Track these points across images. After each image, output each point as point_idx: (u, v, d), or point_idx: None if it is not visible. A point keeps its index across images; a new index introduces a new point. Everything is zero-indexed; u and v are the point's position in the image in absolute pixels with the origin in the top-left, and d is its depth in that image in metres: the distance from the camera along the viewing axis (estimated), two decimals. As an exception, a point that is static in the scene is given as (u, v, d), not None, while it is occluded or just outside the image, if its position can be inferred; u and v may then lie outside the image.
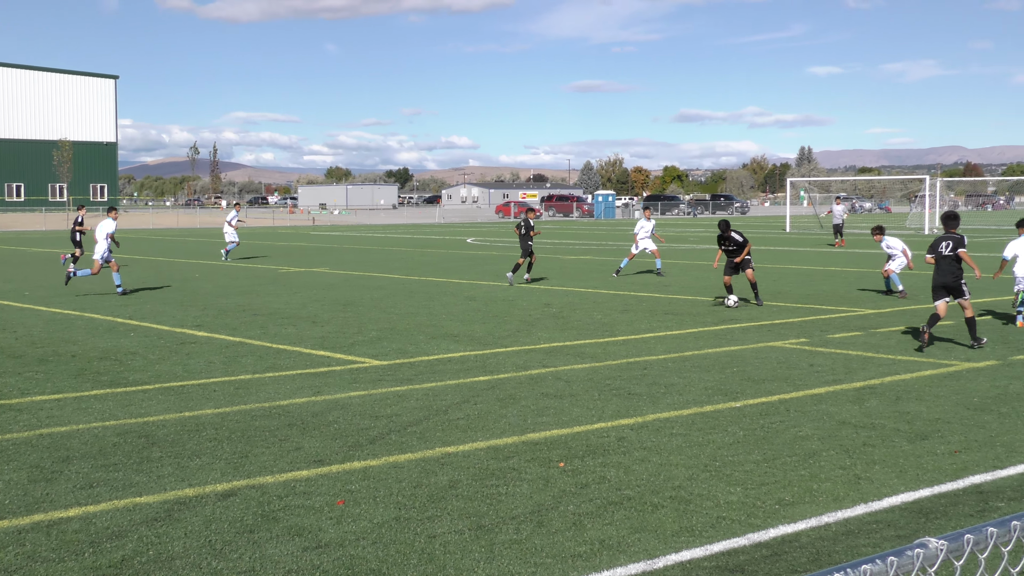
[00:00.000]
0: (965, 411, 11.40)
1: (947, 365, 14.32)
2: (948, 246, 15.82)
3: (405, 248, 47.83)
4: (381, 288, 26.64)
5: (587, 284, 27.58)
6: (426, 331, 18.20)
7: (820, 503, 8.12)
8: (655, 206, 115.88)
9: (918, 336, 16.36)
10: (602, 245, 48.97)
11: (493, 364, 14.72)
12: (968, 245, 15.99)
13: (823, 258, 38.05)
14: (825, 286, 26.41)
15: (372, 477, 8.94)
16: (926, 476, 8.86)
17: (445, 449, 9.88)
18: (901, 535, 7.35)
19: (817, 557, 6.94)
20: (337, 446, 10.03)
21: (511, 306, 22.11)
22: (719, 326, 18.61)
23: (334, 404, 11.94)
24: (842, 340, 16.77)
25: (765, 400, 12.05)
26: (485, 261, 37.74)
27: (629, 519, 7.76)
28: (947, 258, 15.85)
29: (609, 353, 15.58)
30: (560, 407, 11.73)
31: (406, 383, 13.30)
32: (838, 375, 13.63)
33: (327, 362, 14.98)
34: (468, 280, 29.16)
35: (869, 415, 11.21)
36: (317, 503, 8.21)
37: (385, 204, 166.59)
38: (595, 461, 9.42)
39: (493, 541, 7.30)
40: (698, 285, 26.89)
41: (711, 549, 7.12)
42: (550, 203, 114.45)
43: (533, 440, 10.21)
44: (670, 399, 12.13)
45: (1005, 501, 8.17)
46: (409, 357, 15.39)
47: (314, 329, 18.57)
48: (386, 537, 7.40)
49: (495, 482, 8.76)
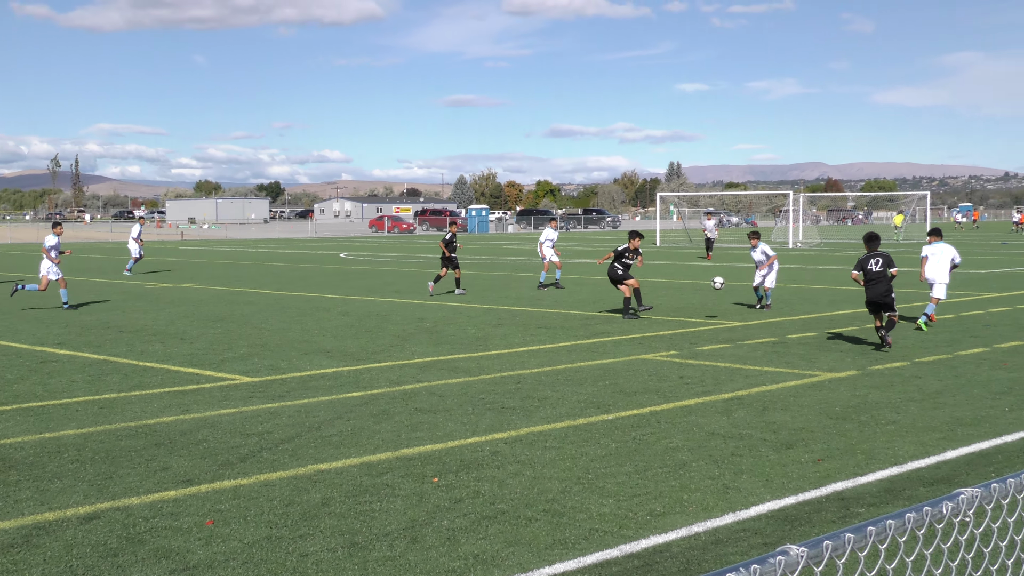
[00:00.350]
0: (827, 420, 11.74)
1: (810, 376, 14.74)
2: (878, 263, 17.04)
3: (277, 263, 47.19)
4: (252, 303, 26.22)
5: (461, 299, 27.61)
6: (298, 347, 17.97)
7: (690, 513, 8.26)
8: (528, 220, 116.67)
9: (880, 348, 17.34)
10: (476, 259, 49.07)
11: (366, 379, 14.61)
12: (834, 259, 16.56)
13: (692, 272, 38.83)
14: (694, 299, 26.95)
15: (242, 496, 8.77)
16: (791, 484, 9.10)
17: (318, 466, 9.76)
18: (767, 542, 7.53)
19: (687, 567, 7.05)
20: (206, 465, 9.82)
21: (384, 321, 21.99)
22: (592, 339, 18.82)
23: (203, 422, 11.69)
24: (711, 352, 17.12)
25: (637, 412, 12.22)
26: (359, 276, 37.47)
27: (503, 533, 7.78)
28: (877, 274, 17.05)
29: (483, 367, 15.61)
30: (434, 422, 11.70)
31: (278, 400, 13.11)
32: (707, 387, 13.91)
33: (196, 379, 14.66)
34: (341, 295, 28.90)
35: (737, 425, 11.46)
36: (185, 524, 8.01)
37: (256, 218, 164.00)
38: (469, 476, 9.42)
39: (366, 558, 7.23)
40: (571, 299, 27.16)
41: (584, 561, 7.18)
42: (424, 217, 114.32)
43: (407, 455, 10.16)
44: (543, 412, 12.21)
45: (865, 507, 8.44)
46: (281, 373, 15.17)
47: (182, 346, 18.17)
48: (257, 557, 7.26)
49: (368, 498, 8.68)
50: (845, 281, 32.62)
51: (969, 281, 31.88)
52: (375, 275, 37.69)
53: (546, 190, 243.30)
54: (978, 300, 25.45)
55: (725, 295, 27.89)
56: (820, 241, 70.27)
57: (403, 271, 40.12)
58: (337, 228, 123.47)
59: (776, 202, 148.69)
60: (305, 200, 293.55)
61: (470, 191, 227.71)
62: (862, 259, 17.26)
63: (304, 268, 42.80)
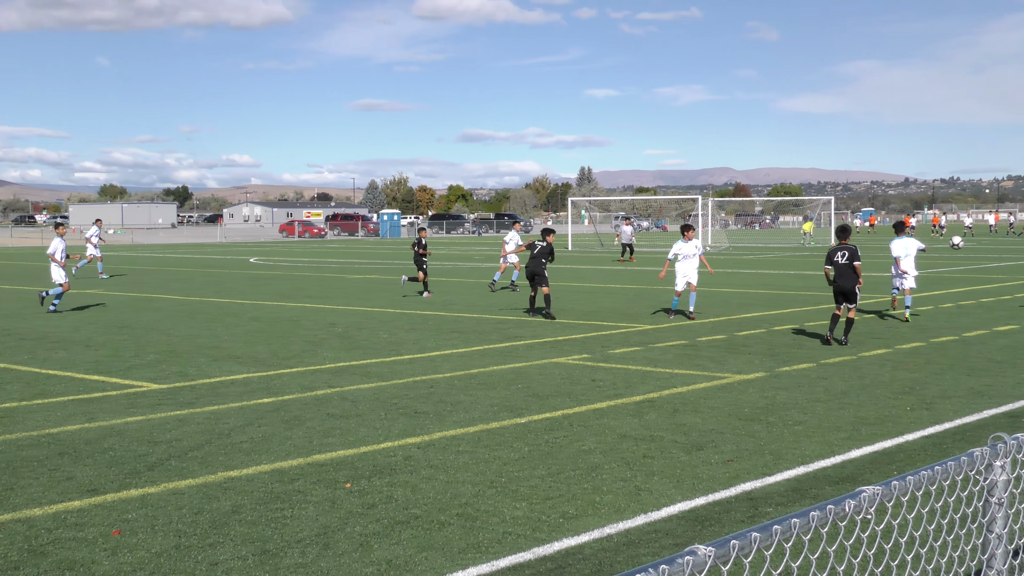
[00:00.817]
0: (737, 421, 11.93)
1: (720, 378, 14.96)
2: (844, 255, 18.07)
3: (185, 268, 46.44)
4: (160, 310, 25.76)
5: (373, 303, 27.47)
6: (208, 353, 17.72)
7: (603, 515, 8.33)
8: (440, 225, 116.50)
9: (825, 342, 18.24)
10: (388, 264, 48.86)
11: (278, 385, 14.46)
12: (742, 263, 16.90)
13: (604, 276, 39.13)
14: (606, 303, 27.16)
15: (150, 505, 8.62)
16: (701, 485, 9.22)
17: (228, 473, 9.63)
18: (678, 543, 7.62)
19: (600, 569, 7.11)
20: (113, 474, 9.63)
21: (296, 326, 21.78)
22: (505, 343, 18.86)
23: (109, 430, 11.46)
24: (622, 355, 17.28)
25: (549, 416, 12.28)
26: (269, 281, 37.05)
27: (416, 538, 7.76)
28: (842, 266, 18.07)
29: (396, 372, 15.56)
30: (346, 427, 11.63)
31: (187, 407, 12.90)
32: (619, 389, 14.03)
33: (102, 387, 14.36)
34: (252, 300, 28.55)
35: (648, 428, 11.58)
36: (90, 535, 7.85)
37: (164, 223, 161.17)
38: (382, 481, 9.38)
39: (278, 566, 7.16)
40: (484, 303, 27.18)
41: (497, 564, 7.19)
42: (335, 222, 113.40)
43: (319, 461, 10.08)
44: (456, 417, 12.21)
45: (773, 506, 8.59)
46: (190, 380, 14.94)
47: (87, 353, 17.79)
48: (165, 567, 7.14)
49: (280, 505, 8.60)
50: (754, 284, 33.20)
51: (872, 285, 32.62)
52: (286, 280, 37.30)
53: (458, 195, 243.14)
54: (881, 303, 26.05)
55: (639, 300, 28.16)
56: (729, 245, 71.31)
57: (314, 276, 39.77)
58: (247, 233, 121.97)
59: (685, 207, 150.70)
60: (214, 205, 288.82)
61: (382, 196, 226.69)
62: (830, 252, 18.45)
63: (213, 273, 42.19)
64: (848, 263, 18.12)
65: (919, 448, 10.63)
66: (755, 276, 37.40)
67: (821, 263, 45.60)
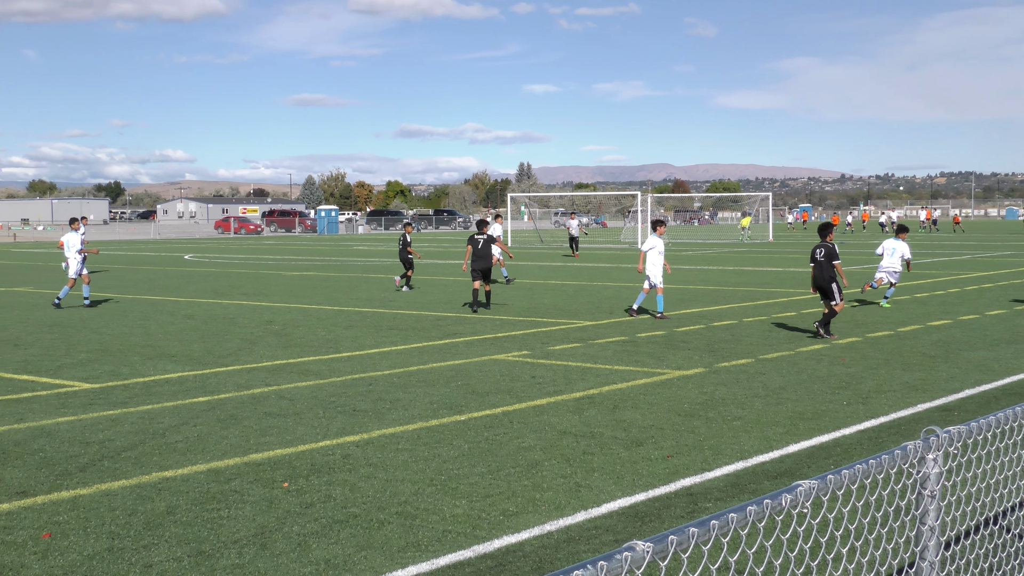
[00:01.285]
0: (676, 417, 12.00)
1: (659, 374, 15.04)
2: (822, 252, 18.80)
3: (118, 265, 45.77)
4: (91, 308, 25.34)
5: (311, 300, 27.26)
6: (141, 352, 17.46)
7: (543, 512, 8.33)
8: (379, 221, 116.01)
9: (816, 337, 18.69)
10: (326, 260, 48.55)
11: (213, 384, 14.29)
12: (682, 259, 17.03)
13: (543, 272, 39.21)
14: (546, 299, 27.20)
15: (82, 507, 8.47)
16: (641, 481, 9.26)
17: (162, 474, 9.49)
18: (618, 539, 7.64)
19: (540, 565, 7.10)
20: (43, 476, 9.44)
21: (232, 324, 21.55)
22: (444, 340, 18.81)
23: (39, 431, 11.23)
24: (562, 352, 17.31)
25: (489, 413, 12.26)
26: (204, 278, 36.63)
27: (355, 537, 7.70)
28: (820, 263, 18.78)
29: (334, 370, 15.44)
30: (284, 426, 11.52)
31: (120, 406, 12.70)
32: (559, 386, 14.05)
33: (31, 387, 14.09)
34: (186, 298, 28.20)
35: (588, 424, 11.61)
36: (20, 538, 7.69)
37: (95, 219, 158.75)
38: (320, 480, 9.30)
39: (214, 567, 7.06)
40: (422, 300, 27.10)
41: (437, 563, 7.16)
42: (272, 218, 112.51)
43: (256, 461, 9.97)
44: (395, 414, 12.14)
45: (712, 501, 8.65)
46: (123, 379, 14.71)
47: (16, 352, 17.45)
48: (97, 570, 7.01)
49: (216, 506, 8.49)
50: (693, 280, 33.44)
51: (807, 280, 33.03)
52: (221, 277, 36.90)
53: (396, 191, 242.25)
54: (817, 298, 26.37)
55: (578, 296, 28.24)
56: (668, 241, 71.81)
57: (251, 273, 39.40)
58: (181, 229, 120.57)
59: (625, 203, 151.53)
60: (147, 201, 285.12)
61: (319, 192, 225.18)
62: (813, 249, 19.16)
63: (147, 270, 41.63)
64: (826, 260, 18.80)
65: (855, 442, 10.76)
66: (694, 272, 37.67)
67: (758, 259, 46.12)
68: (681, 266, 41.28)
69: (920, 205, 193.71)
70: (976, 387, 13.83)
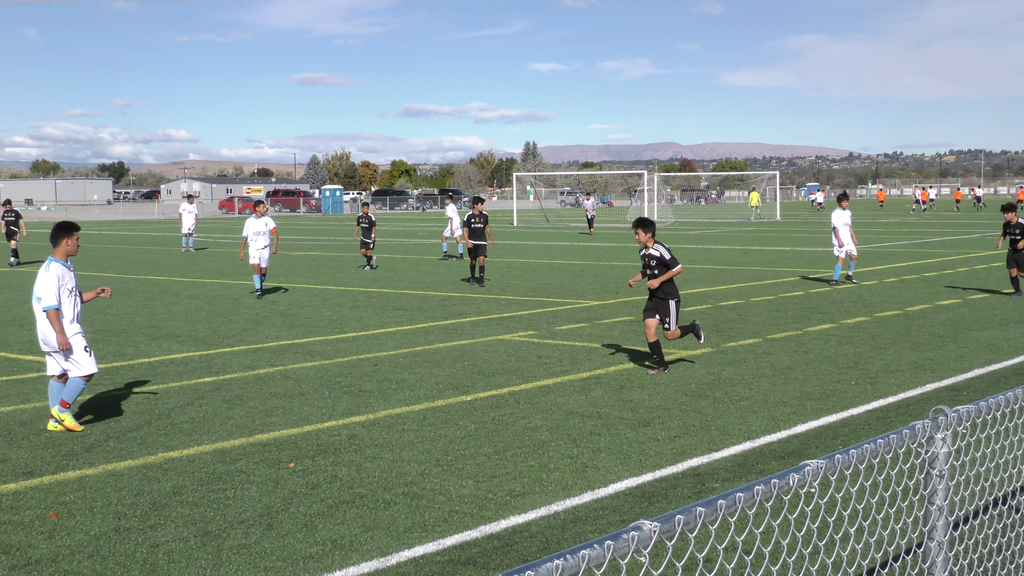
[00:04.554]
0: (683, 397, 11.98)
1: (666, 353, 14.99)
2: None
3: (122, 245, 45.79)
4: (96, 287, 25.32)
5: (316, 280, 27.26)
6: (146, 332, 17.46)
7: (549, 492, 8.31)
8: (384, 200, 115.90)
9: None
10: (330, 240, 48.52)
11: (218, 364, 14.29)
12: (688, 238, 16.97)
13: (549, 251, 39.15)
14: (552, 279, 27.16)
15: (88, 487, 8.47)
16: (648, 461, 9.24)
17: (168, 454, 9.49)
18: (625, 519, 7.63)
19: (546, 545, 7.09)
20: (49, 456, 9.45)
21: (236, 305, 21.55)
22: (449, 320, 18.79)
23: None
24: (568, 332, 17.29)
25: (495, 393, 12.25)
26: (208, 258, 36.64)
27: (361, 517, 7.69)
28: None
29: (339, 350, 15.44)
30: (289, 406, 11.51)
31: (125, 387, 12.70)
32: (565, 366, 14.03)
33: (37, 367, 14.08)
34: (191, 278, 28.21)
35: (595, 404, 11.59)
36: (26, 518, 7.69)
37: (99, 200, 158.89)
38: (326, 460, 9.29)
39: (220, 547, 7.06)
40: (427, 280, 27.08)
41: (443, 543, 7.15)
42: (276, 198, 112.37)
43: (262, 441, 9.97)
44: (401, 395, 12.13)
45: (720, 482, 8.63)
46: (128, 360, 14.71)
47: (21, 333, 17.46)
48: (104, 550, 7.02)
49: (222, 486, 8.48)
50: (699, 260, 33.37)
51: (816, 259, 32.97)
52: (226, 257, 36.89)
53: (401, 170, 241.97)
54: (825, 278, 26.31)
55: (584, 276, 28.20)
56: (675, 220, 71.66)
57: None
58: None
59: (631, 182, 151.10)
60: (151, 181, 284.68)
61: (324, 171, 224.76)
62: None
63: (151, 251, 41.65)
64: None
65: (863, 422, 10.73)
66: (701, 251, 37.60)
67: (765, 238, 46.00)
68: (688, 245, 41.20)
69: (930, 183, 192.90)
70: (985, 367, 13.79)
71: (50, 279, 10.44)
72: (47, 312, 10.37)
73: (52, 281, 10.43)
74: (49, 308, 10.36)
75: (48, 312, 10.36)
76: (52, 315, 10.34)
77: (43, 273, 10.53)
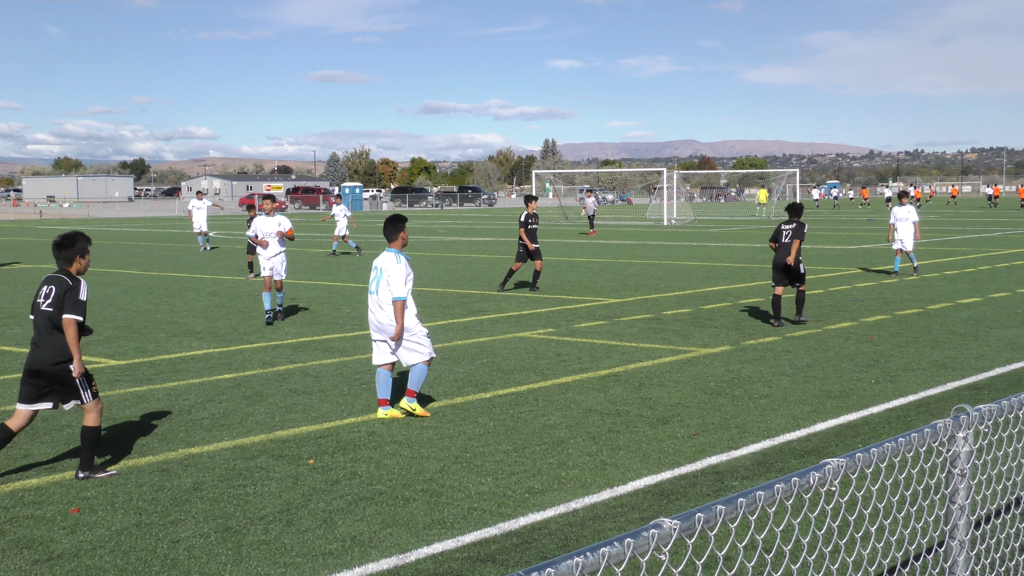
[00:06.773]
0: (702, 395, 11.95)
1: (685, 352, 14.98)
2: (788, 234, 17.71)
3: (143, 242, 45.99)
4: (117, 284, 25.47)
5: (335, 278, 27.32)
6: (167, 328, 17.54)
7: (568, 490, 8.31)
8: (403, 198, 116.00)
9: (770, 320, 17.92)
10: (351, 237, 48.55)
11: (239, 361, 14.34)
12: (707, 236, 16.92)
13: (569, 249, 39.12)
14: (570, 276, 27.15)
15: (109, 483, 8.52)
16: (667, 459, 9.23)
17: (188, 450, 9.54)
18: (644, 517, 7.62)
19: (565, 543, 7.09)
20: (71, 452, 9.51)
21: (256, 301, 21.61)
22: (468, 318, 18.80)
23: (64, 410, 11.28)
24: (587, 329, 17.27)
25: (514, 390, 12.25)
26: (229, 255, 36.75)
27: (380, 514, 7.71)
28: (785, 244, 17.69)
29: (358, 347, 15.46)
30: (309, 403, 11.54)
31: (146, 383, 12.77)
32: (584, 364, 14.02)
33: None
34: (211, 275, 28.31)
35: (614, 402, 11.58)
36: (49, 513, 7.74)
37: (120, 196, 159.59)
38: (345, 457, 9.32)
39: (240, 543, 7.09)
40: (447, 277, 27.10)
41: (463, 540, 7.16)
42: (296, 195, 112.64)
43: (281, 438, 10.00)
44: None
45: (739, 480, 8.61)
46: (149, 356, 14.78)
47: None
48: (125, 544, 7.06)
49: (242, 482, 8.52)
50: (718, 257, 33.30)
51: (836, 257, 32.84)
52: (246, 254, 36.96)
53: (421, 167, 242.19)
54: (845, 276, 26.21)
55: (603, 273, 28.17)
56: (694, 218, 71.47)
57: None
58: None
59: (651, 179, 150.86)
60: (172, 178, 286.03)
61: (343, 168, 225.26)
62: (776, 229, 18.14)
63: (172, 247, 41.81)
64: (789, 241, 17.55)
65: (883, 421, 10.69)
66: (720, 249, 37.50)
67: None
68: (707, 243, 41.11)
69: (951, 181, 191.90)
70: (1006, 365, 13.71)
71: (403, 272, 10.79)
72: (395, 302, 10.70)
73: (404, 273, 10.77)
74: (398, 299, 10.69)
75: (395, 303, 10.69)
76: (398, 306, 10.68)
77: (396, 264, 10.82)
